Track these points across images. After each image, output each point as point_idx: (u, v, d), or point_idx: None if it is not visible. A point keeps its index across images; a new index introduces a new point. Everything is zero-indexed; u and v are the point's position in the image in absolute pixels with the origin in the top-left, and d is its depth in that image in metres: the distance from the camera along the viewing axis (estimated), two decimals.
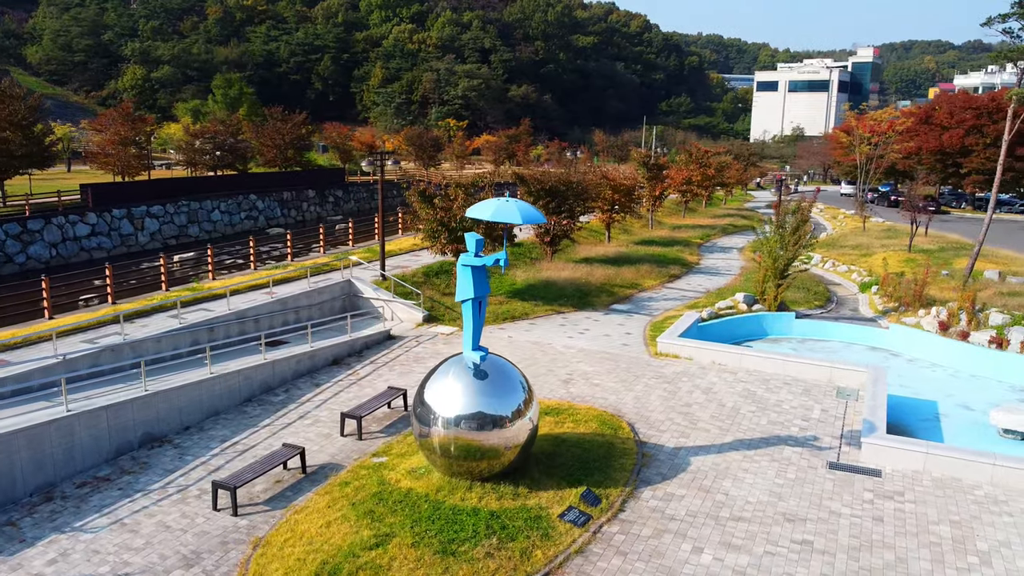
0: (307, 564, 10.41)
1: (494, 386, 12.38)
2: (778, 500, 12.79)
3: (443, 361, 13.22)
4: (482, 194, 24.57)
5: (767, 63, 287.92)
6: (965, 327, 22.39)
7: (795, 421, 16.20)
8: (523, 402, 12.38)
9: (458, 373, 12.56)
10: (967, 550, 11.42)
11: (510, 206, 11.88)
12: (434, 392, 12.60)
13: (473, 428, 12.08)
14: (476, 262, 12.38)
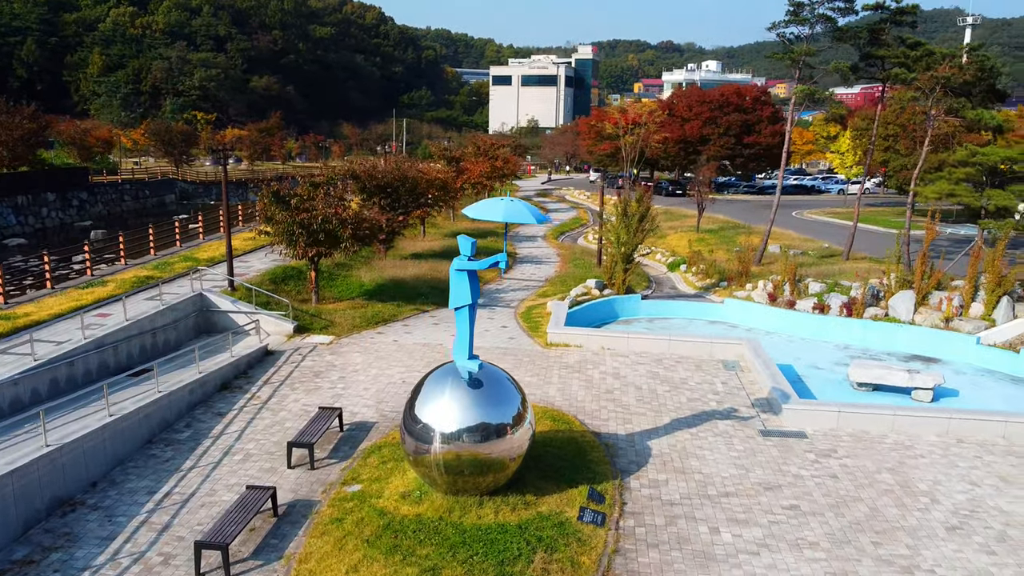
0: None
1: (491, 394, 11.81)
2: (746, 472, 13.62)
3: (430, 374, 12.39)
4: (335, 191, 23.07)
5: (494, 58, 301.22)
6: (790, 296, 25.33)
7: (708, 396, 17.32)
8: (521, 407, 11.95)
9: (454, 385, 11.81)
10: (914, 492, 13.03)
11: (517, 206, 11.39)
12: (430, 407, 11.75)
13: (477, 440, 11.44)
14: (473, 266, 11.68)
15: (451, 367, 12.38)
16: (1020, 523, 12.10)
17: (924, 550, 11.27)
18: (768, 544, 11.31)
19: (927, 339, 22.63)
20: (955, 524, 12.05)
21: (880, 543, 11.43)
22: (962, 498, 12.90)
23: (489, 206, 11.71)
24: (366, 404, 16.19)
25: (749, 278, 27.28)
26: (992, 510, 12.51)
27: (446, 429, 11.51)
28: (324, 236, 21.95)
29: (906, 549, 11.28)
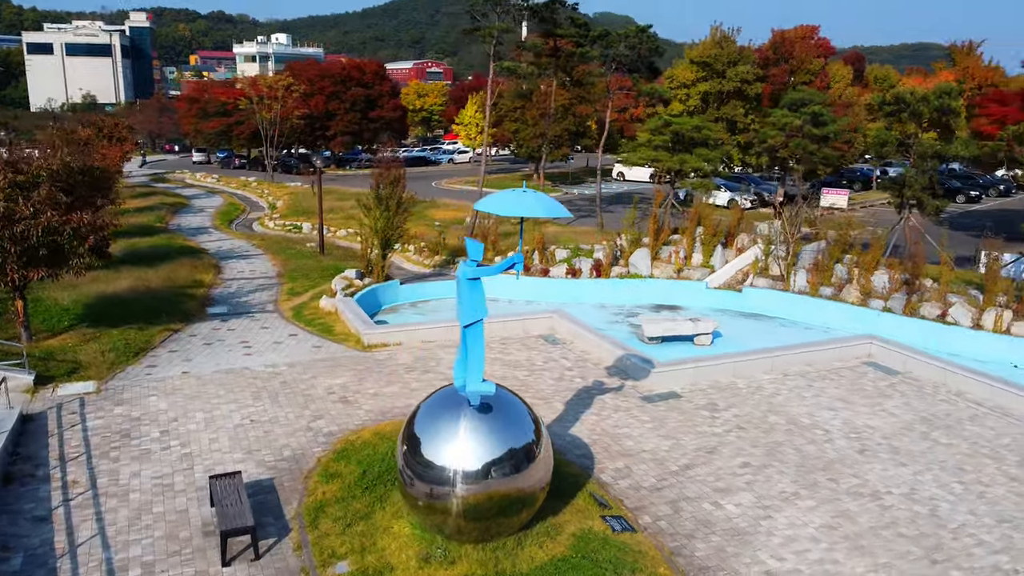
0: None
1: (508, 416, 10.21)
2: (677, 441, 13.99)
3: (423, 406, 10.29)
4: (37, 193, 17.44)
5: (14, 21, 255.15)
6: (542, 265, 26.37)
7: (566, 374, 17.30)
8: (535, 423, 10.53)
9: (467, 414, 9.95)
10: (805, 426, 14.73)
11: (528, 197, 9.80)
12: (444, 444, 9.78)
13: (507, 473, 9.80)
14: (485, 272, 9.82)
15: (447, 394, 10.47)
16: (895, 433, 14.46)
17: (866, 475, 12.83)
18: (767, 506, 11.80)
19: (667, 290, 25.47)
20: (859, 447, 13.92)
21: (834, 478, 12.71)
22: (838, 423, 14.94)
23: (505, 200, 9.96)
24: (235, 460, 12.83)
25: (497, 251, 27.67)
26: (865, 428, 14.71)
27: (470, 467, 9.68)
28: (48, 252, 16.60)
29: (855, 478, 12.73)
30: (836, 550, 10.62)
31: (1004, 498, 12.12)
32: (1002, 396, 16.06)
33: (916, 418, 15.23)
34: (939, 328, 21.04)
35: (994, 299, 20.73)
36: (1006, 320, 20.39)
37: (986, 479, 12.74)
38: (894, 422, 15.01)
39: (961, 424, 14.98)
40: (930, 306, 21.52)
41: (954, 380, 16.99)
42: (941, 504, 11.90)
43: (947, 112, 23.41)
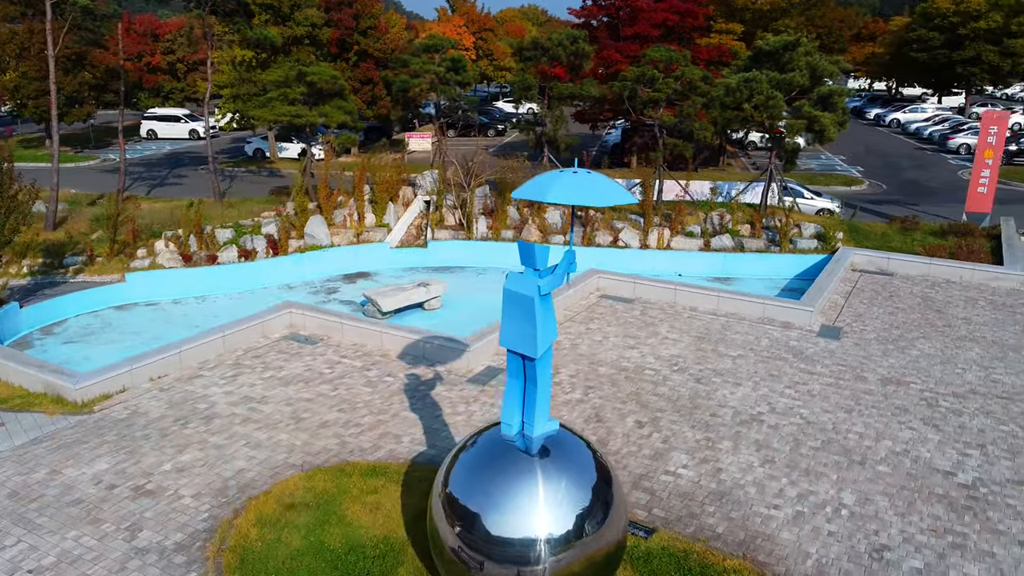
0: None
1: (571, 453, 8.24)
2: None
3: (466, 475, 7.87)
4: None
5: None
6: (204, 252, 21.88)
7: (371, 377, 14.89)
8: (594, 451, 8.64)
9: (535, 467, 7.80)
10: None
11: (583, 180, 7.61)
12: (516, 512, 7.53)
13: (599, 522, 7.93)
14: (554, 284, 7.51)
15: (488, 448, 8.10)
16: (697, 359, 15.89)
17: (723, 399, 13.92)
18: (759, 468, 12.00)
19: (353, 257, 23.56)
20: (696, 379, 14.99)
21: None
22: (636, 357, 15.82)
23: (549, 183, 7.52)
24: None
25: (137, 245, 21.92)
26: (677, 359, 15.87)
27: (557, 530, 7.70)
28: None
29: (713, 402, 13.71)
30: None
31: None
32: (729, 303, 18.70)
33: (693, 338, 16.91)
34: (616, 252, 23.49)
35: (652, 221, 23.83)
36: (666, 238, 23.68)
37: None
38: (682, 347, 16.41)
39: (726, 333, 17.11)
40: (602, 234, 23.80)
41: (682, 297, 19.21)
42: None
43: (580, 56, 25.60)
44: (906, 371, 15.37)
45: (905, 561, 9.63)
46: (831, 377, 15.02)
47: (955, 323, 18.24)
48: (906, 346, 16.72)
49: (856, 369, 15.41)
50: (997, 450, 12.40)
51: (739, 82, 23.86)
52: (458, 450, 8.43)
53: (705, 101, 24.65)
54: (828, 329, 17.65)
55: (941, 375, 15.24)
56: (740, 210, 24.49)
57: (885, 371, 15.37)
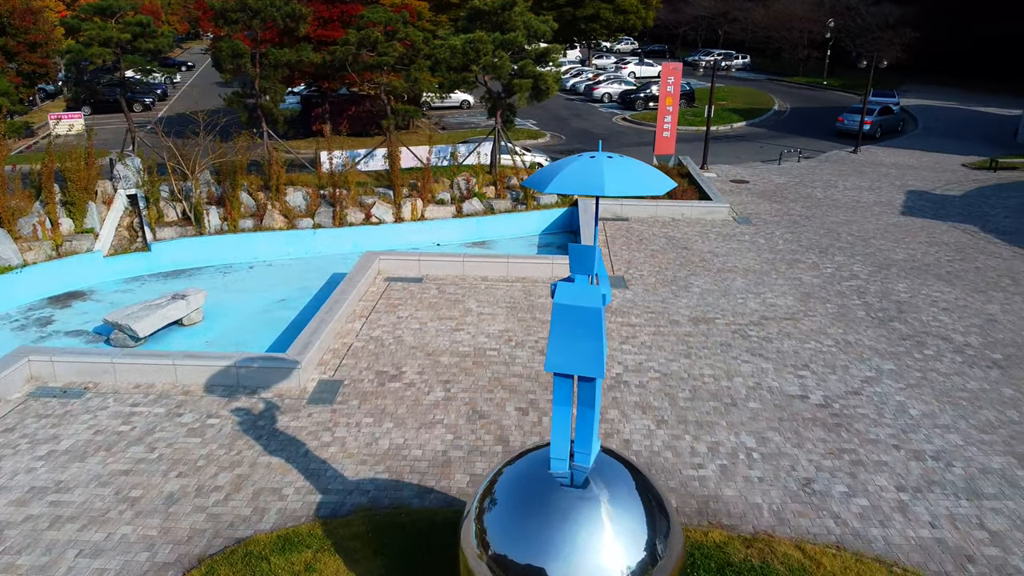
0: None
1: (626, 480, 7.22)
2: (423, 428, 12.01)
3: (514, 525, 6.53)
4: None
5: None
6: None
7: (188, 424, 12.03)
8: (638, 469, 7.65)
9: (595, 506, 6.74)
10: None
11: (615, 166, 6.41)
12: (581, 564, 6.50)
13: (664, 553, 7.10)
14: (606, 294, 6.31)
15: (543, 487, 6.84)
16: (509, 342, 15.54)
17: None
18: (659, 431, 11.77)
19: (60, 273, 18.97)
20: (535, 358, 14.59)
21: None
22: (468, 339, 15.10)
23: (578, 173, 6.16)
24: None
25: None
26: (503, 335, 15.34)
27: (631, 561, 6.90)
28: None
29: None
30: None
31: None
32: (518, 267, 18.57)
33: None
34: (372, 230, 22.02)
35: (402, 192, 22.68)
36: (419, 208, 22.74)
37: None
38: (503, 321, 15.93)
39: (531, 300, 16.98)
40: (353, 212, 22.11)
41: (471, 268, 18.61)
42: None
43: (296, 18, 22.61)
44: (703, 309, 16.63)
45: (832, 487, 10.39)
46: (650, 326, 15.68)
47: (707, 257, 20.22)
48: (686, 285, 18.10)
49: (664, 314, 16.27)
50: (819, 367, 13.99)
51: (464, 43, 23.43)
52: (486, 501, 7.01)
53: (431, 64, 23.82)
54: (614, 279, 18.40)
55: (730, 306, 16.78)
56: (483, 172, 24.36)
57: (687, 311, 16.47)
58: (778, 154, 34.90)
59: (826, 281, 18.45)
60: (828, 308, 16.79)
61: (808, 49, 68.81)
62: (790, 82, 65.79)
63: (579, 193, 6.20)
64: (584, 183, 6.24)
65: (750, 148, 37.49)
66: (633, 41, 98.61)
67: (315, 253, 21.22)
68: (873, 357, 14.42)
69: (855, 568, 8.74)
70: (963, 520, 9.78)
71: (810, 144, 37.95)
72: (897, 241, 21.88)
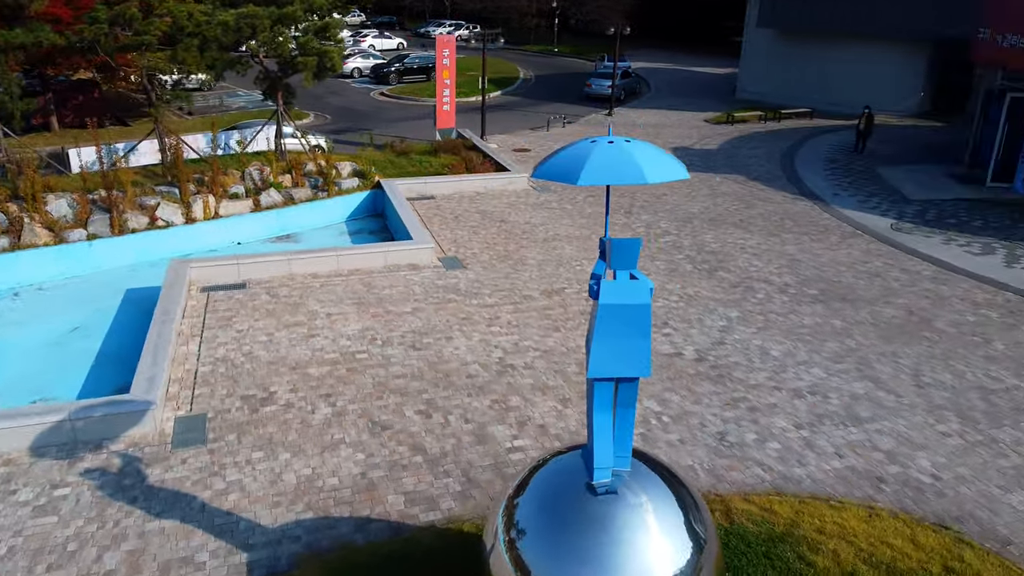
0: None
1: (659, 478, 6.84)
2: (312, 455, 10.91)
3: (559, 541, 6.08)
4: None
5: None
6: None
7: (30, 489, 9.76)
8: (672, 470, 7.17)
9: (640, 514, 6.35)
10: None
11: (640, 152, 5.85)
12: (629, 561, 6.21)
13: (713, 554, 6.86)
14: (646, 292, 5.84)
15: (582, 502, 6.32)
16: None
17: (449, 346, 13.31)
18: (570, 412, 11.42)
19: None
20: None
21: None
22: (354, 332, 13.99)
23: (609, 161, 5.52)
24: None
25: None
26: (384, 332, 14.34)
27: (684, 560, 6.65)
28: None
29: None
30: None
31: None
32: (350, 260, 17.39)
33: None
34: (161, 235, 19.47)
35: (189, 189, 20.21)
36: (212, 205, 20.45)
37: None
38: (357, 319, 14.87)
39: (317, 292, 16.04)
40: (135, 216, 19.34)
41: (298, 267, 17.12)
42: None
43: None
44: (548, 280, 16.75)
45: (744, 436, 10.99)
46: (507, 304, 15.49)
47: (527, 229, 20.40)
48: (520, 258, 18.13)
49: (514, 290, 16.16)
50: (678, 323, 14.72)
51: (236, 19, 21.17)
52: (512, 531, 6.36)
53: (200, 43, 21.19)
54: (450, 260, 17.94)
55: (572, 275, 17.08)
56: (275, 160, 22.39)
57: (536, 284, 16.50)
58: (544, 121, 36.06)
59: (645, 240, 19.40)
60: (658, 265, 17.68)
61: (536, 18, 71.90)
62: (523, 50, 68.32)
63: (618, 183, 5.69)
64: (620, 172, 5.73)
65: (513, 117, 38.35)
66: (360, 13, 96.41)
67: (96, 268, 18.21)
68: (718, 307, 15.44)
69: (803, 509, 9.28)
70: (859, 446, 10.80)
71: (565, 109, 39.69)
72: (687, 196, 23.63)
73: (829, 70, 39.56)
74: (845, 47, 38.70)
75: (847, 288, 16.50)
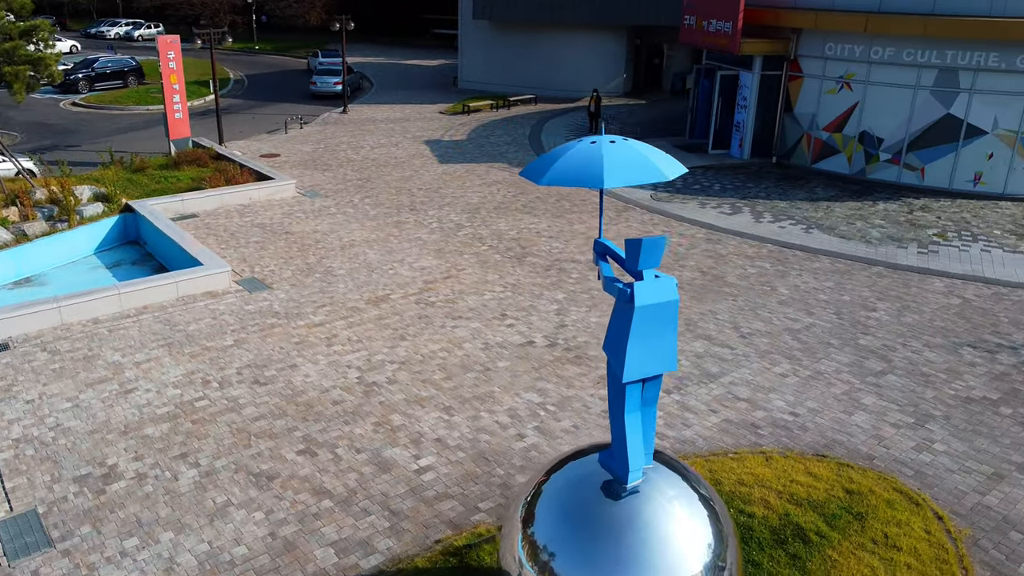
0: None
1: (679, 475, 6.79)
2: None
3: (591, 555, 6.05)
4: None
5: None
6: None
7: None
8: (686, 467, 7.05)
9: (668, 507, 6.41)
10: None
11: (629, 151, 5.81)
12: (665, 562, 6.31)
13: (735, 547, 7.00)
14: (674, 287, 5.81)
15: (615, 505, 6.24)
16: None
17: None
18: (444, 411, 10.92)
19: None
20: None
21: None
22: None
23: (575, 161, 5.36)
24: None
25: None
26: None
27: (712, 551, 6.77)
28: None
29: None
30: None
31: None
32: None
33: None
34: None
35: None
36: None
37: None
38: (174, 364, 13.13)
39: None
40: None
41: (70, 314, 14.64)
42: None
43: None
44: (368, 288, 16.09)
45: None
46: (339, 320, 14.66)
47: (318, 238, 19.34)
48: (327, 269, 17.19)
49: (338, 304, 15.31)
50: (515, 312, 14.95)
51: None
52: (543, 554, 6.12)
53: None
54: (250, 282, 16.51)
55: (388, 280, 16.57)
56: None
57: (357, 295, 15.76)
58: (279, 124, 34.27)
59: (444, 235, 19.38)
60: (468, 259, 17.76)
61: (231, 15, 67.66)
62: (225, 49, 63.97)
63: (577, 186, 5.65)
64: (581, 174, 5.69)
65: (241, 121, 35.94)
66: (8, 13, 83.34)
67: None
68: (543, 292, 15.93)
69: (713, 468, 10.00)
70: (724, 399, 11.87)
71: (293, 109, 38.08)
72: (462, 187, 23.91)
73: (545, 57, 42.18)
74: (555, 35, 41.51)
75: None
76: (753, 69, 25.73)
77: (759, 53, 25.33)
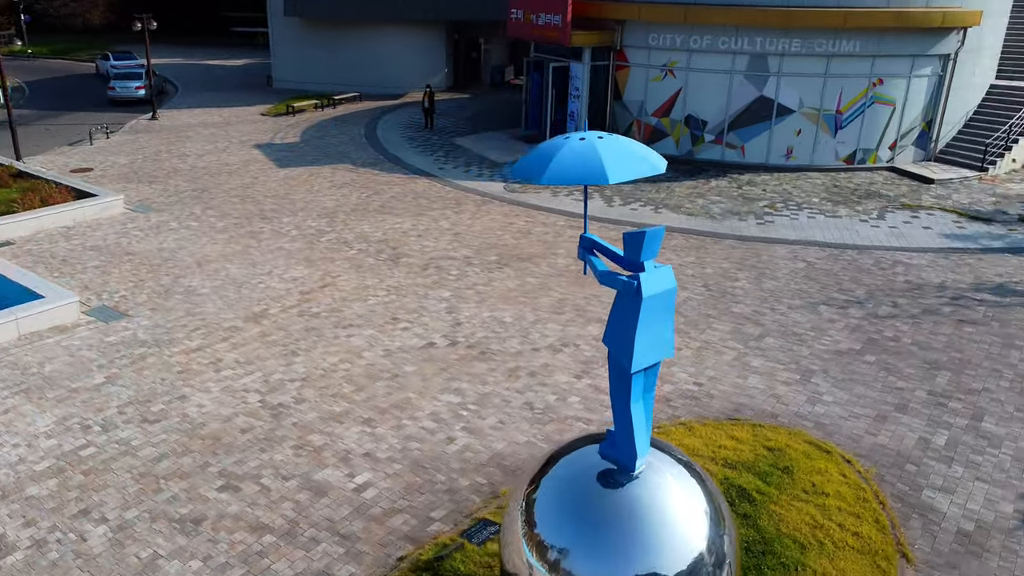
0: None
1: (676, 468, 6.81)
2: None
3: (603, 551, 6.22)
4: None
5: None
6: None
7: None
8: (679, 452, 7.06)
9: (668, 499, 6.57)
10: None
11: (620, 147, 5.91)
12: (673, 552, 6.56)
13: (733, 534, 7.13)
14: (671, 274, 5.98)
15: (626, 499, 6.35)
16: None
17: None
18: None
19: None
20: None
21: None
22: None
23: (572, 159, 5.43)
24: None
25: None
26: None
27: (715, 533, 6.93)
28: None
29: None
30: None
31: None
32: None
33: None
34: None
35: None
36: None
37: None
38: (40, 411, 11.72)
39: None
40: None
41: None
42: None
43: None
44: (240, 306, 15.17)
45: (546, 398, 11.75)
46: (221, 343, 13.72)
47: (166, 256, 17.92)
48: (187, 289, 16.00)
49: (211, 326, 14.32)
50: (406, 315, 14.71)
51: None
52: (551, 553, 6.17)
53: None
54: (102, 311, 15.03)
55: (260, 294, 15.72)
56: None
57: (230, 313, 14.81)
58: (82, 134, 31.22)
59: (307, 242, 18.61)
60: (341, 265, 17.21)
61: None
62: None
63: (579, 183, 5.78)
64: (583, 171, 5.82)
65: (35, 133, 32.31)
66: None
67: None
68: (427, 291, 15.78)
69: (676, 433, 10.40)
70: None
71: (93, 118, 34.84)
72: (311, 191, 23.00)
73: (364, 54, 41.33)
74: (373, 32, 40.79)
75: (516, 248, 18.16)
76: (583, 60, 26.73)
77: (588, 44, 26.36)
